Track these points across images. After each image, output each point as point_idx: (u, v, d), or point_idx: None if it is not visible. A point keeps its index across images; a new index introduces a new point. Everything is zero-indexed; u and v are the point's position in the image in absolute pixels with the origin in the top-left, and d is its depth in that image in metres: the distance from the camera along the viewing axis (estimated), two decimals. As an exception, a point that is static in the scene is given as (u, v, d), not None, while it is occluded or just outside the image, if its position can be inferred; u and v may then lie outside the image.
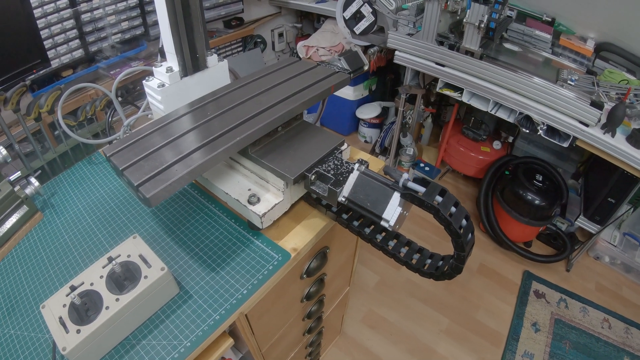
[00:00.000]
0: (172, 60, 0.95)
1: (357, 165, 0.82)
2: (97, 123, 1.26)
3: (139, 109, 1.11)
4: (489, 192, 2.42)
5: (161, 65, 0.98)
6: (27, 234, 1.04)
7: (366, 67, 1.18)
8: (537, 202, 2.11)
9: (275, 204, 0.87)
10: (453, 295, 2.20)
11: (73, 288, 0.73)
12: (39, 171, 1.11)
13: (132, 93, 2.48)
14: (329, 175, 0.82)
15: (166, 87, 0.93)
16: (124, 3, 2.51)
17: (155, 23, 2.54)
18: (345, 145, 0.96)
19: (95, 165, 1.16)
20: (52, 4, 2.16)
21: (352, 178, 0.79)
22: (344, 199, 0.79)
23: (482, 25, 1.82)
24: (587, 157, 2.48)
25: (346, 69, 1.08)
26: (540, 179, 2.16)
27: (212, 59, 1.00)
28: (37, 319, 0.81)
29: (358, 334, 2.02)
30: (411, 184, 0.72)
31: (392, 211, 0.73)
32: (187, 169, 0.69)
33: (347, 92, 2.68)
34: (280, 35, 2.93)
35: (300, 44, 2.65)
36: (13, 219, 1.03)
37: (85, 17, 2.32)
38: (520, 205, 2.16)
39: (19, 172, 1.02)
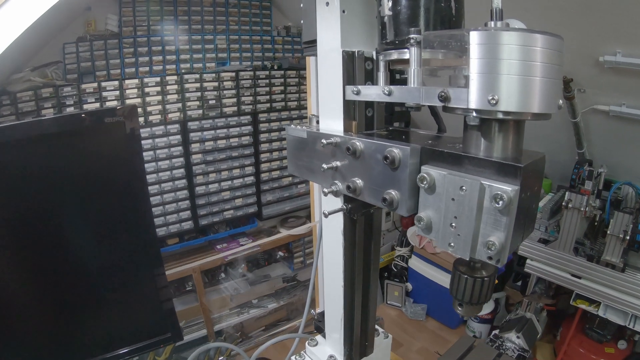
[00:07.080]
0: (334, 346, 0.80)
1: None
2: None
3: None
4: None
5: (316, 344, 0.85)
6: None
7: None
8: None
9: None
10: None
11: None
12: None
13: (236, 268, 2.46)
14: None
15: (326, 385, 0.77)
16: (241, 180, 2.58)
17: (269, 203, 2.60)
18: None
19: None
20: (170, 182, 2.25)
21: None
22: None
23: (627, 237, 1.61)
24: None
25: (526, 349, 0.92)
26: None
27: (378, 339, 0.85)
28: None
29: None
30: None
31: None
32: None
33: (460, 287, 2.42)
34: (388, 214, 2.88)
35: (413, 231, 2.55)
36: None
37: (199, 189, 2.36)
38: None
39: None
